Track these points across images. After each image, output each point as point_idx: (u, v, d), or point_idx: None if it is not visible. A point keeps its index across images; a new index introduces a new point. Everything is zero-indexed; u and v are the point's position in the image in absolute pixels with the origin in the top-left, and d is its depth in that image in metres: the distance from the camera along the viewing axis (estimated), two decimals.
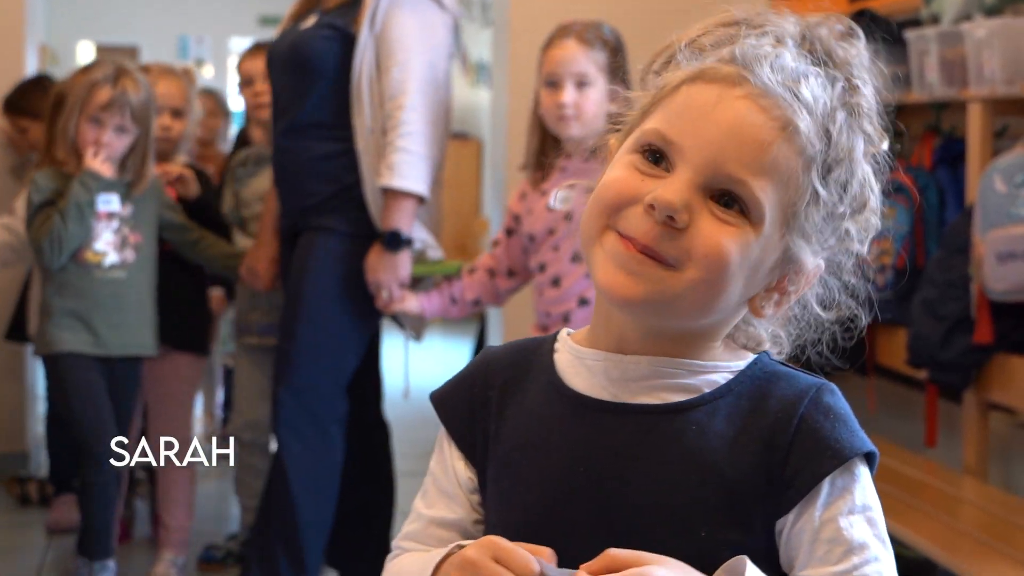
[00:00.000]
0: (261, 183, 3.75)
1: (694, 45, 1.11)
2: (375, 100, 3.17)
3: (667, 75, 1.11)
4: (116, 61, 3.47)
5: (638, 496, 1.07)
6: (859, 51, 1.11)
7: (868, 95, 1.10)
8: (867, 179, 1.10)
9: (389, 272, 3.14)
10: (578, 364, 1.14)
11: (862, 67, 1.10)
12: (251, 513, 3.85)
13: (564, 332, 1.19)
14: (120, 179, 3.41)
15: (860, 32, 1.12)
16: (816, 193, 1.06)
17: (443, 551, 1.12)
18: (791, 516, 1.06)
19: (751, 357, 1.13)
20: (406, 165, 3.11)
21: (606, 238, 1.07)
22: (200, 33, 13.76)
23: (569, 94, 2.95)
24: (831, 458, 1.05)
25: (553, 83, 2.98)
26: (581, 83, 2.97)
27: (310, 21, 3.29)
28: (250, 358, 3.81)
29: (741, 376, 1.11)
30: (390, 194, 3.14)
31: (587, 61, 2.97)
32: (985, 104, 3.40)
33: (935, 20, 3.64)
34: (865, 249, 1.12)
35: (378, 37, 3.16)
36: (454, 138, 9.66)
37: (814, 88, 1.06)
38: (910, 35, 3.64)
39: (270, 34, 3.78)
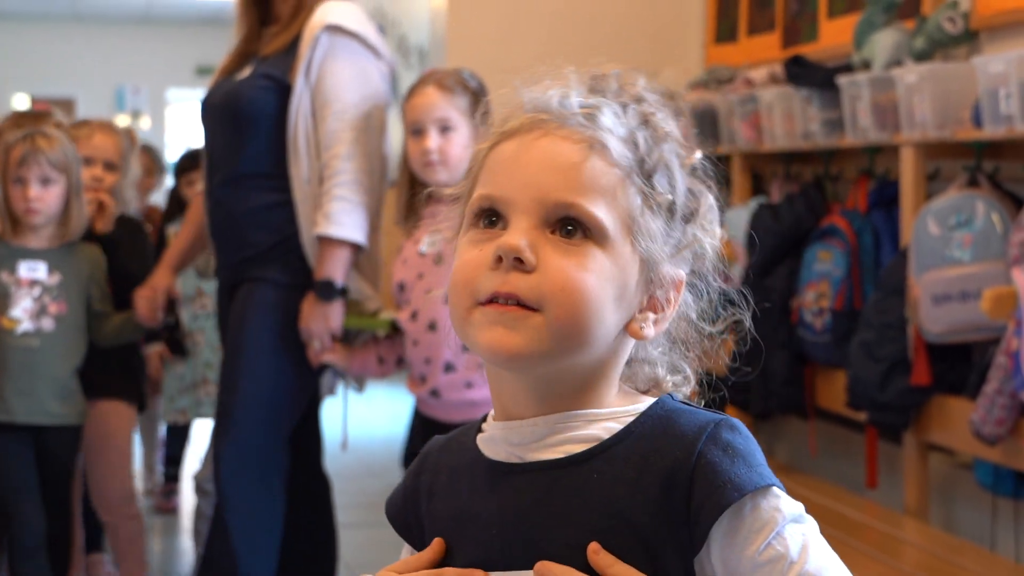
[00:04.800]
0: None
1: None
2: (311, 150, 3.15)
3: (475, 152, 1.15)
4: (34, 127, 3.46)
5: (553, 551, 1.07)
6: (672, 127, 1.13)
7: (671, 130, 1.12)
8: (692, 187, 1.12)
9: (320, 322, 3.11)
10: (488, 436, 1.15)
11: (668, 122, 1.13)
12: None
13: (492, 411, 1.20)
14: (52, 247, 3.38)
15: (685, 110, 1.16)
16: (646, 196, 1.08)
17: None
18: (710, 552, 1.06)
19: (651, 400, 1.13)
20: (342, 213, 3.09)
21: (474, 314, 1.08)
22: (137, 84, 13.70)
23: (433, 140, 2.96)
24: (732, 491, 1.04)
25: (417, 131, 3.00)
26: (444, 128, 2.98)
27: (246, 72, 3.27)
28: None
29: (641, 418, 1.10)
30: (325, 242, 3.11)
31: (448, 106, 2.99)
32: (917, 148, 3.45)
33: (866, 66, 3.70)
34: (717, 241, 1.14)
35: (313, 87, 3.15)
36: (394, 186, 9.69)
37: (609, 116, 1.09)
38: (842, 81, 3.69)
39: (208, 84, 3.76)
